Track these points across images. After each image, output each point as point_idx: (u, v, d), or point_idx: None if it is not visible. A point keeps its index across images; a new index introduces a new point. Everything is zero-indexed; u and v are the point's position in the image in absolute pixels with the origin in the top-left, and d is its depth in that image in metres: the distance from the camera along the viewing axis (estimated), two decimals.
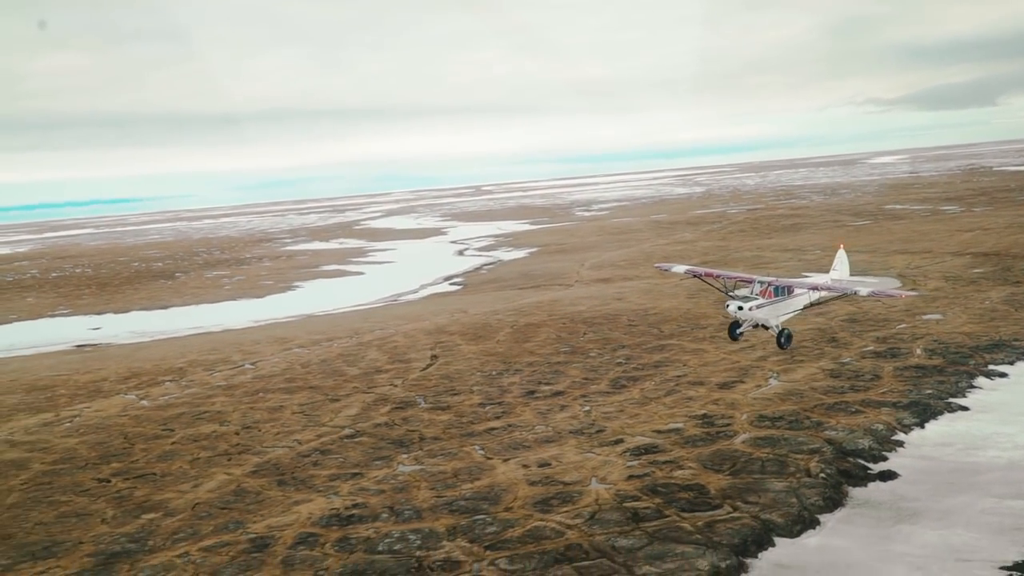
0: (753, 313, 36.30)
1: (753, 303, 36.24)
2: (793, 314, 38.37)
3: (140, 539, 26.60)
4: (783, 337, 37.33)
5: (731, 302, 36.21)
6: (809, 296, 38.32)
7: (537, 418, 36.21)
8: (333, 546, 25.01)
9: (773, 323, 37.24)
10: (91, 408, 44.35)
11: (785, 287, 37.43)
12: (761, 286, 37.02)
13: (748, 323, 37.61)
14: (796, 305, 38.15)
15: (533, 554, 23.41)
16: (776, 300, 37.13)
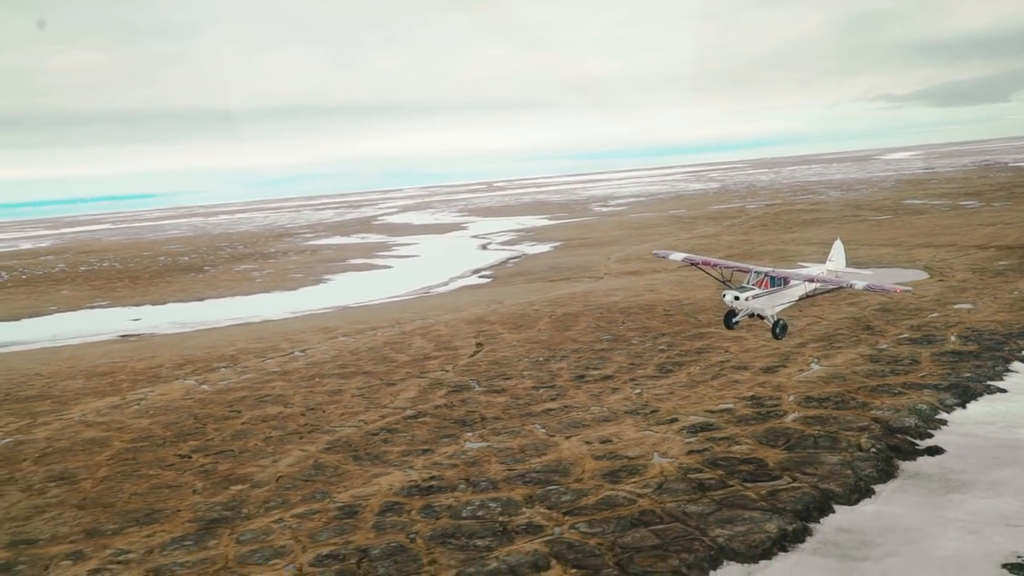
0: (749, 303, 36.90)
1: (749, 293, 36.87)
2: (788, 304, 39.11)
3: (234, 507, 28.42)
4: (778, 328, 37.92)
5: (727, 292, 36.83)
6: (805, 287, 38.93)
7: (591, 400, 37.91)
8: (418, 513, 26.80)
9: (768, 313, 37.86)
10: (155, 392, 46.22)
11: (781, 278, 38.01)
12: (757, 276, 37.62)
13: (744, 313, 38.25)
14: (792, 296, 38.79)
15: (609, 519, 25.16)
16: (772, 290, 37.74)
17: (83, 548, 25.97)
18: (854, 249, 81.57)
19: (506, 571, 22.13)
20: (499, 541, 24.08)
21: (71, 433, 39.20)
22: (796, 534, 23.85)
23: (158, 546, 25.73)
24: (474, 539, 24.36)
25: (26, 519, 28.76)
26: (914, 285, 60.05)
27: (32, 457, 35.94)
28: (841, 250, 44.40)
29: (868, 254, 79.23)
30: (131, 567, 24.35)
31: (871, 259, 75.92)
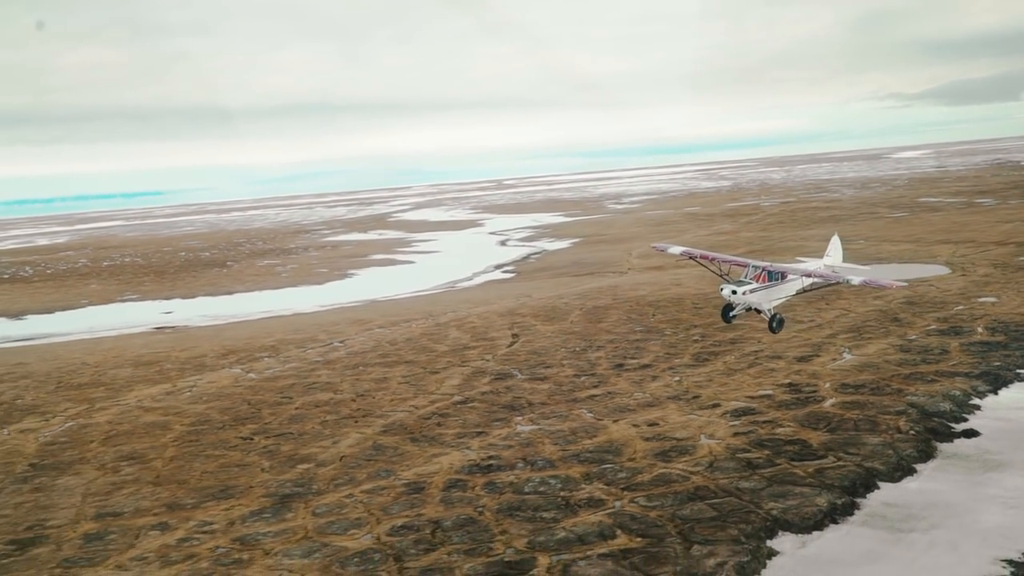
0: (747, 297, 37.29)
1: (747, 287, 37.21)
2: (785, 299, 39.51)
3: (304, 484, 29.99)
4: (775, 322, 38.29)
5: (725, 286, 37.30)
6: (802, 282, 39.19)
7: (632, 387, 39.38)
8: (482, 489, 28.32)
9: (766, 307, 38.30)
10: (204, 380, 47.83)
11: (778, 273, 38.42)
12: (755, 271, 37.95)
13: (741, 307, 38.60)
14: (789, 291, 39.14)
15: (666, 494, 26.67)
16: (769, 285, 38.07)
17: (167, 520, 27.54)
18: (875, 245, 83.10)
19: (575, 540, 23.63)
20: (564, 513, 25.58)
21: (131, 417, 40.78)
22: (845, 508, 25.29)
23: (238, 518, 27.26)
24: (540, 512, 25.86)
25: (107, 494, 30.33)
26: (937, 280, 61.33)
27: (99, 439, 37.53)
28: (838, 245, 44.77)
29: (889, 250, 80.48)
30: (217, 536, 25.89)
31: (892, 255, 77.20)
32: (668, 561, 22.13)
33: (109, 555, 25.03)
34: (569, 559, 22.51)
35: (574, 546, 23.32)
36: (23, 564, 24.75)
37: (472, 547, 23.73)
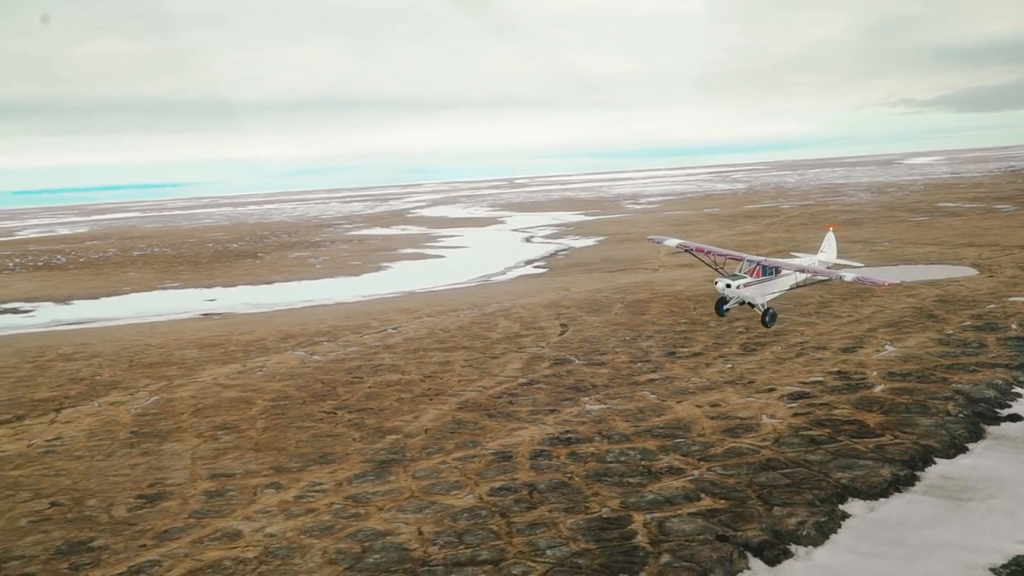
0: (740, 291, 38.21)
1: (741, 281, 38.01)
2: (779, 294, 40.64)
3: (397, 452, 32.52)
4: (767, 316, 39.37)
5: (719, 279, 38.13)
6: (796, 277, 40.15)
7: (688, 372, 41.83)
8: (566, 458, 30.82)
9: (759, 301, 39.27)
10: (271, 361, 50.39)
11: (773, 267, 39.15)
12: (749, 265, 38.71)
13: (735, 300, 39.51)
14: (782, 286, 40.26)
15: (740, 464, 29.14)
16: (763, 280, 39.00)
17: (278, 480, 30.09)
18: (900, 247, 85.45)
19: (663, 501, 26.12)
20: (648, 480, 28.06)
21: (212, 393, 43.35)
22: (906, 479, 27.74)
23: (344, 480, 29.80)
24: (625, 478, 28.35)
25: (213, 458, 32.89)
26: (966, 280, 63.62)
27: (188, 411, 40.10)
28: (833, 242, 46.08)
29: (915, 252, 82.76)
30: (329, 495, 28.44)
31: (919, 256, 79.49)
32: (753, 519, 24.58)
33: (234, 508, 27.54)
34: (662, 516, 24.96)
35: (664, 506, 25.77)
36: (157, 515, 27.29)
37: (570, 506, 26.18)
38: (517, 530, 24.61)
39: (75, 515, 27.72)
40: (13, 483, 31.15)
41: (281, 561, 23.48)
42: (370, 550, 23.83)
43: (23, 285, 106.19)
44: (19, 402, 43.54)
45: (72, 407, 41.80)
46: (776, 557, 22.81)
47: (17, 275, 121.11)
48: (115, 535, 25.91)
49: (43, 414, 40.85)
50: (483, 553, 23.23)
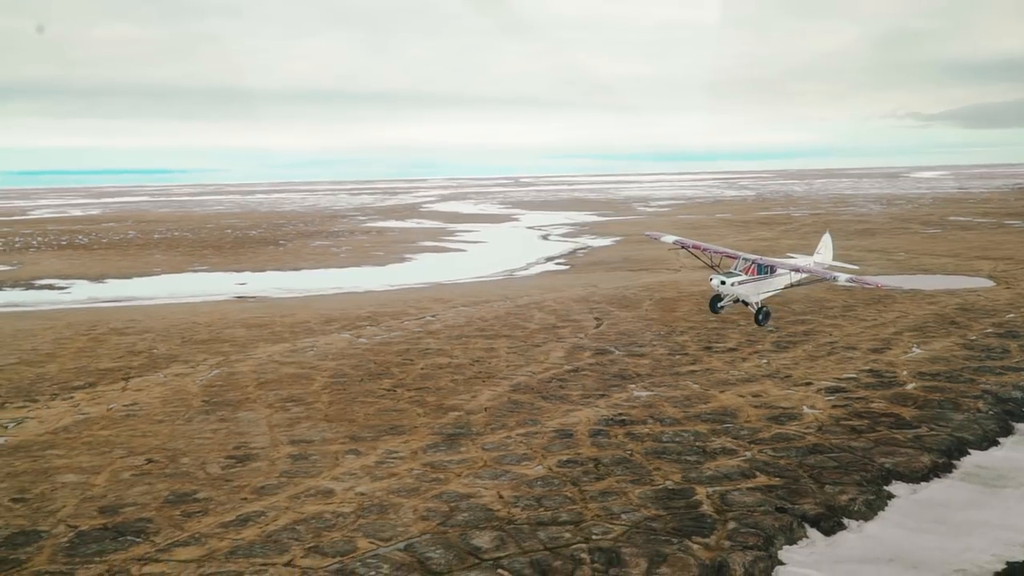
0: (735, 288, 38.95)
1: (736, 279, 38.74)
2: (773, 293, 41.34)
3: (462, 427, 34.75)
4: (761, 314, 40.08)
5: (714, 276, 39.01)
6: (791, 277, 40.81)
7: (726, 365, 44.07)
8: (624, 437, 33.05)
9: (753, 300, 39.98)
10: (320, 342, 52.59)
11: (768, 266, 39.85)
12: (745, 263, 39.37)
13: (729, 298, 40.30)
14: (777, 284, 40.94)
15: (789, 447, 31.40)
16: (758, 278, 39.65)
17: (356, 448, 32.32)
18: (916, 258, 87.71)
19: (721, 477, 28.38)
20: (704, 458, 30.32)
21: (270, 369, 45.57)
22: (944, 466, 30.02)
23: (418, 449, 32.04)
24: (683, 456, 30.61)
25: (288, 426, 35.11)
26: (984, 291, 65.88)
27: (252, 384, 42.31)
28: (829, 243, 47.04)
29: (931, 262, 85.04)
30: (407, 461, 30.70)
31: (936, 267, 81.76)
32: (808, 495, 26.87)
33: (320, 471, 29.80)
34: (723, 490, 27.23)
35: (723, 481, 28.03)
36: (249, 473, 29.55)
37: (635, 478, 28.45)
38: (590, 497, 26.85)
39: (172, 471, 29.94)
40: (105, 441, 33.36)
41: (377, 516, 25.71)
42: (457, 509, 26.05)
43: (53, 263, 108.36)
44: (87, 370, 45.69)
45: (139, 376, 43.98)
46: (831, 528, 25.05)
47: (44, 253, 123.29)
48: (216, 489, 28.13)
49: (113, 382, 43.02)
50: (563, 515, 25.47)
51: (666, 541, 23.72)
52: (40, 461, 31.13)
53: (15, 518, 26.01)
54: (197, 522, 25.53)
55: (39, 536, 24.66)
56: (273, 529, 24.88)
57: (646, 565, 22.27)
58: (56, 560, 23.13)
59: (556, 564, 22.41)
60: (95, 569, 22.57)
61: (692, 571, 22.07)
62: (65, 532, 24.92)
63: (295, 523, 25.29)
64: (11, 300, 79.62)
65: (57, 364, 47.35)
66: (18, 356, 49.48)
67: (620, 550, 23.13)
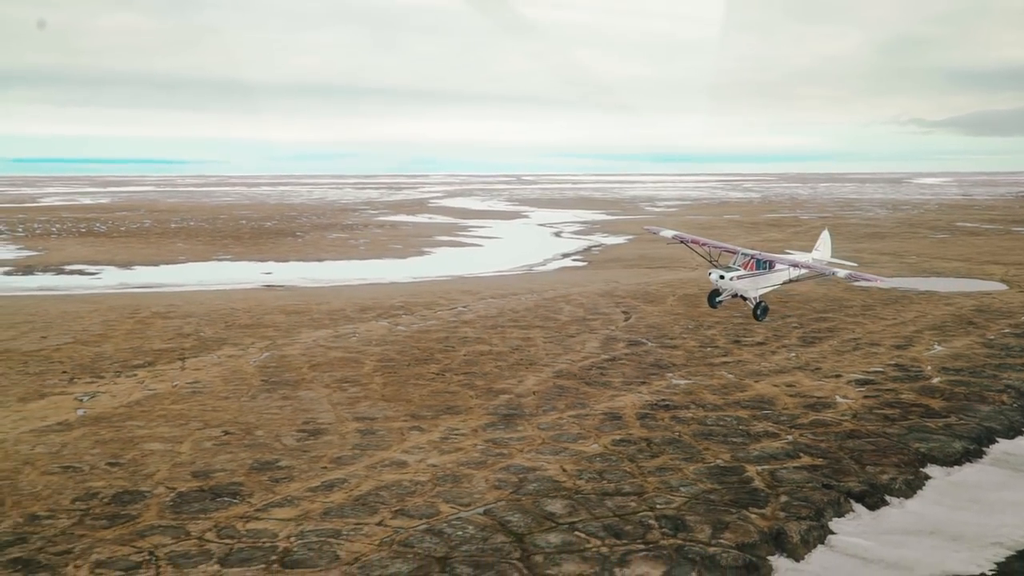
0: (734, 283, 39.28)
1: (734, 274, 38.98)
2: (772, 288, 41.46)
3: (515, 408, 36.73)
4: (759, 309, 40.41)
5: (713, 271, 39.25)
6: (789, 272, 41.05)
7: (756, 358, 46.08)
8: (670, 420, 35.05)
9: (752, 295, 40.34)
10: (360, 329, 54.55)
11: (767, 261, 40.12)
12: (744, 258, 39.69)
13: (728, 293, 40.63)
14: (776, 280, 41.12)
15: (827, 432, 33.43)
16: (757, 273, 39.93)
17: (418, 425, 34.35)
18: (928, 261, 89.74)
19: (768, 457, 30.41)
20: (749, 440, 32.34)
21: (319, 352, 47.54)
22: (975, 452, 32.07)
23: (478, 427, 34.05)
24: (729, 437, 32.63)
25: (350, 404, 37.10)
26: (998, 294, 67.93)
27: (304, 366, 44.28)
28: (828, 240, 47.58)
29: (943, 266, 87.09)
30: (469, 438, 32.71)
31: (948, 271, 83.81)
32: (851, 474, 28.92)
33: (389, 444, 31.82)
34: (771, 468, 29.27)
35: (770, 460, 30.07)
36: (323, 446, 31.57)
37: (687, 456, 30.48)
38: (648, 472, 28.90)
39: (250, 442, 31.96)
40: (179, 415, 35.38)
41: (452, 484, 27.75)
42: (526, 480, 28.09)
43: (78, 249, 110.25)
44: (142, 350, 47.68)
45: (193, 357, 45.96)
46: (875, 504, 27.11)
47: (65, 240, 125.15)
48: (295, 458, 30.17)
49: (170, 362, 45.02)
50: (625, 487, 27.52)
51: (725, 511, 25.74)
52: (123, 431, 33.12)
53: (115, 480, 28.00)
54: (286, 486, 27.54)
55: (143, 496, 26.67)
56: (359, 494, 26.90)
57: (710, 531, 24.28)
58: (164, 516, 25.14)
59: (627, 528, 24.42)
60: (203, 524, 24.57)
61: (753, 537, 24.09)
62: (166, 493, 26.90)
63: (377, 489, 27.31)
64: (45, 284, 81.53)
65: (112, 344, 49.26)
66: (72, 336, 51.41)
67: (684, 517, 25.15)
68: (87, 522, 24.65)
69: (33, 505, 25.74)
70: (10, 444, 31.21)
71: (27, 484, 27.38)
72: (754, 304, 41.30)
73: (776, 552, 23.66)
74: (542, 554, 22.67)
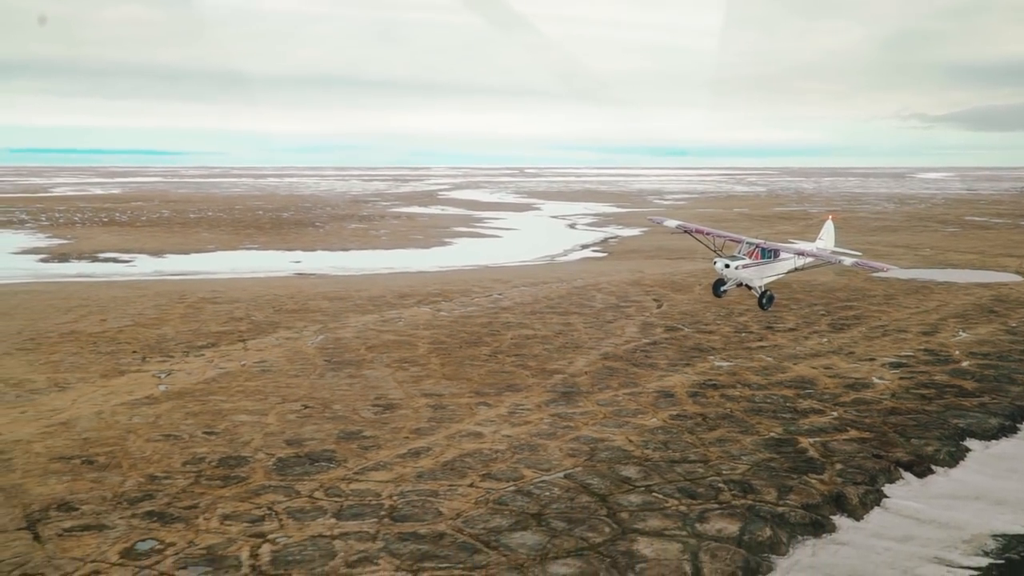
0: (739, 272, 39.51)
1: (739, 263, 39.20)
2: (777, 277, 41.60)
3: (572, 386, 38.94)
4: (764, 298, 40.77)
5: (718, 259, 39.48)
6: (795, 261, 41.23)
7: (791, 343, 48.29)
8: (720, 398, 37.27)
9: (757, 284, 40.57)
10: (405, 314, 56.71)
11: (772, 250, 40.27)
12: (749, 247, 39.89)
13: (732, 282, 40.77)
14: (781, 269, 41.26)
15: (869, 410, 35.65)
16: (762, 262, 40.11)
17: (484, 401, 36.56)
18: (942, 254, 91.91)
19: (818, 430, 32.64)
20: (797, 416, 34.56)
21: (371, 335, 49.72)
22: (1010, 428, 34.28)
23: (541, 403, 36.25)
24: (778, 413, 34.86)
25: (414, 383, 39.30)
26: (1014, 285, 70.13)
27: (361, 348, 46.44)
28: (831, 230, 47.92)
29: (957, 258, 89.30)
30: (535, 412, 34.91)
31: (963, 263, 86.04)
32: (897, 446, 31.18)
33: (461, 418, 34.04)
34: (823, 440, 31.52)
35: (820, 434, 32.30)
36: (400, 418, 33.80)
37: (742, 430, 32.71)
38: (708, 443, 31.16)
39: (331, 415, 34.20)
40: (256, 390, 37.62)
41: (529, 452, 30.01)
42: (597, 449, 30.34)
43: (106, 238, 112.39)
44: (201, 332, 49.89)
45: (253, 339, 48.18)
46: (923, 472, 29.38)
47: (91, 229, 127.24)
48: (377, 429, 32.42)
49: (231, 343, 47.22)
50: (691, 455, 29.78)
51: (787, 476, 28.01)
52: (208, 404, 35.37)
53: (216, 447, 30.27)
54: (375, 453, 29.80)
55: (246, 460, 28.93)
56: (445, 460, 29.17)
57: (776, 493, 26.56)
58: (271, 478, 27.40)
59: (699, 491, 26.69)
60: (310, 484, 26.84)
61: (816, 498, 26.38)
62: (267, 458, 29.16)
63: (461, 456, 29.57)
64: (83, 271, 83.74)
65: (170, 327, 51.47)
66: (130, 319, 53.64)
67: (750, 481, 27.42)
68: (203, 482, 26.88)
69: (148, 467, 27.97)
70: (108, 415, 33.44)
71: (136, 450, 29.62)
72: (759, 293, 41.09)
73: (838, 512, 25.91)
74: (626, 512, 24.93)
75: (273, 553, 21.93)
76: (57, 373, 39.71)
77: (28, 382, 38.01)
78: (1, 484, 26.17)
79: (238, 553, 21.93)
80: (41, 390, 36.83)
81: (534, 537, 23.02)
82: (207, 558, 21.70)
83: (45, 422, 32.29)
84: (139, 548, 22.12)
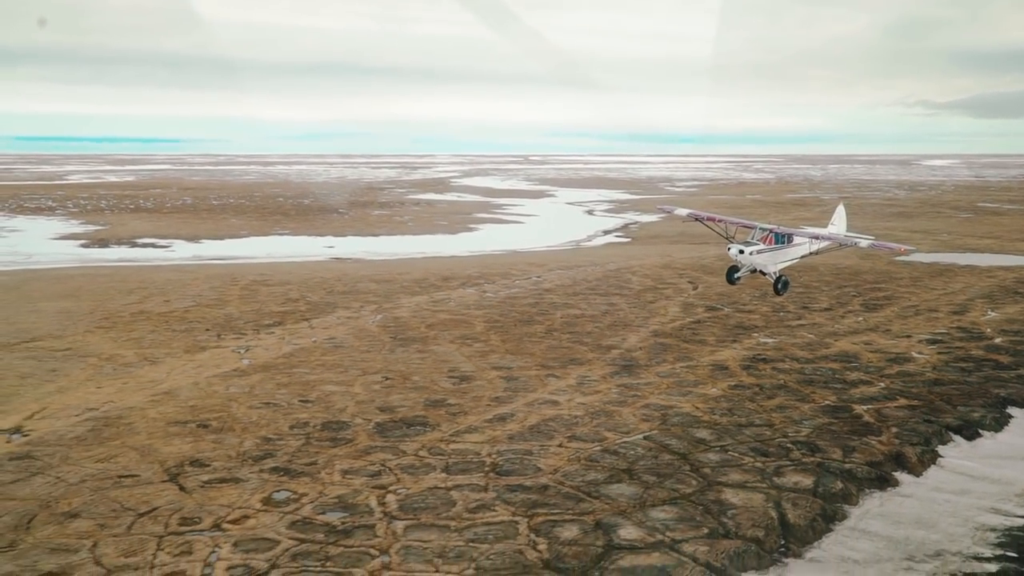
0: (753, 258, 39.31)
1: (753, 248, 39.06)
2: (792, 262, 41.18)
3: (630, 360, 41.34)
4: (779, 284, 40.38)
5: (732, 246, 39.34)
6: (810, 245, 40.85)
7: (829, 321, 50.66)
8: (772, 370, 39.71)
9: (771, 269, 40.23)
10: (452, 295, 59.09)
11: (785, 235, 40.02)
12: (762, 233, 39.77)
13: (747, 268, 40.48)
14: (795, 254, 40.82)
15: (914, 380, 38.09)
16: (776, 247, 39.74)
17: (552, 373, 39.03)
18: (960, 239, 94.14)
19: (869, 399, 35.07)
20: (847, 386, 36.97)
21: (426, 315, 52.13)
22: None
23: (605, 375, 38.70)
24: (829, 384, 37.31)
25: (481, 357, 41.73)
26: None
27: (421, 326, 48.86)
28: (843, 214, 47.51)
29: (975, 243, 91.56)
30: (601, 383, 37.36)
31: (981, 247, 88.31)
32: (945, 412, 33.63)
33: (535, 388, 36.50)
34: (875, 407, 33.97)
35: (872, 402, 34.73)
36: (477, 388, 36.25)
37: (799, 398, 35.17)
38: (770, 409, 33.62)
39: (412, 385, 36.67)
40: (335, 364, 40.09)
41: (606, 417, 32.49)
42: (668, 415, 32.81)
43: (138, 224, 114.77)
44: (263, 312, 52.34)
45: (316, 318, 50.62)
46: (971, 436, 31.83)
47: (120, 215, 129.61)
48: (459, 398, 34.91)
49: (296, 322, 49.65)
50: (756, 420, 32.25)
51: (848, 438, 30.49)
52: (294, 376, 37.85)
53: (315, 413, 32.78)
54: (464, 418, 32.31)
55: (347, 425, 31.44)
56: (531, 424, 31.66)
57: (841, 452, 29.04)
58: (375, 439, 29.92)
59: (771, 450, 29.17)
60: (412, 445, 29.36)
61: (878, 456, 28.86)
62: (365, 423, 31.67)
63: (544, 421, 32.06)
64: (125, 256, 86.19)
65: (233, 307, 53.93)
66: (192, 300, 56.11)
67: (816, 442, 29.91)
68: (314, 443, 29.41)
69: (259, 431, 30.50)
70: (205, 386, 35.97)
71: (242, 415, 32.14)
72: (774, 279, 40.93)
73: (899, 469, 28.38)
74: (708, 467, 27.44)
75: (399, 501, 24.40)
76: (142, 348, 42.18)
77: (119, 356, 40.49)
78: (133, 444, 28.69)
79: (367, 502, 24.40)
80: (134, 363, 39.30)
81: (630, 488, 25.51)
82: (340, 505, 24.17)
83: (149, 391, 34.79)
84: (276, 497, 24.58)
